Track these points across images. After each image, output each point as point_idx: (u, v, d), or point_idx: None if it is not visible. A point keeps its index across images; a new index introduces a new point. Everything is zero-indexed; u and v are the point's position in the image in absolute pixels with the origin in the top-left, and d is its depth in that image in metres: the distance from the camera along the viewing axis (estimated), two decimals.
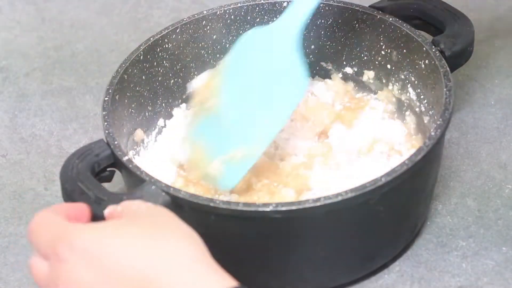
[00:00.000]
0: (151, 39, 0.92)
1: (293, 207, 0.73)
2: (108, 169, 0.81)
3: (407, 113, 0.92)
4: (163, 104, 0.95)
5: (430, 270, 0.83)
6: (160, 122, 0.94)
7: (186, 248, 0.63)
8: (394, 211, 0.80)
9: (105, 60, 1.12)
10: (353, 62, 0.95)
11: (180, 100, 0.96)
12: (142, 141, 0.92)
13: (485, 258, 0.84)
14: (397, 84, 0.92)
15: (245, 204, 0.74)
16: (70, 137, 1.01)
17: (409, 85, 0.91)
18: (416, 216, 0.84)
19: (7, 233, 0.90)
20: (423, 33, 0.89)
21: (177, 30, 0.93)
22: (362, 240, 0.80)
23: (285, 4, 0.94)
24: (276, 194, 0.84)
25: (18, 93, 1.08)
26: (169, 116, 0.95)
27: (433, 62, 0.85)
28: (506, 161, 0.93)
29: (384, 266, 0.84)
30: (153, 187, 0.76)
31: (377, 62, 0.93)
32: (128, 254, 0.62)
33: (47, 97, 1.07)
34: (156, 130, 0.94)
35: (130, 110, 0.90)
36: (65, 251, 0.63)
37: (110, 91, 0.86)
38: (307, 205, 0.73)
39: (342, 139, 0.90)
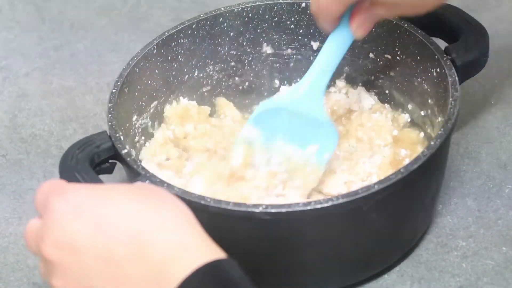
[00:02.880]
0: (166, 33, 0.92)
1: (283, 210, 0.73)
2: (109, 160, 0.82)
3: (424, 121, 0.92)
4: (177, 99, 0.95)
5: (430, 270, 0.83)
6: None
7: (178, 216, 0.63)
8: (389, 219, 0.79)
9: (105, 60, 1.12)
10: (370, 67, 0.95)
11: (194, 96, 0.96)
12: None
13: (485, 258, 0.84)
14: (411, 91, 0.92)
15: (235, 204, 0.74)
16: (70, 137, 1.01)
17: (422, 93, 0.90)
18: (415, 225, 0.83)
19: (7, 233, 0.90)
20: (439, 40, 0.89)
21: (193, 26, 0.93)
22: (355, 247, 0.79)
23: (303, 4, 0.94)
24: None
25: (18, 93, 1.08)
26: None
27: (443, 70, 0.85)
28: (506, 161, 0.93)
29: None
30: (147, 181, 0.76)
31: (392, 68, 0.93)
32: (120, 213, 0.62)
33: (47, 97, 1.07)
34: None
35: (140, 103, 0.90)
36: (57, 202, 0.64)
37: (118, 83, 0.86)
38: (296, 209, 0.73)
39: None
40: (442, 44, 0.89)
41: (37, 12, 1.20)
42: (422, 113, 0.90)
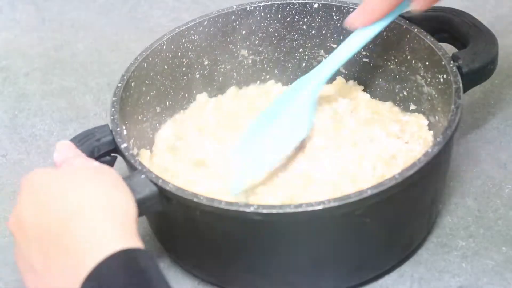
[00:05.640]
0: (176, 29, 0.92)
1: (274, 211, 0.73)
2: (111, 154, 0.82)
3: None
4: (186, 95, 0.95)
5: (429, 270, 0.83)
6: (181, 112, 0.95)
7: (112, 205, 0.68)
8: (383, 224, 0.78)
9: (105, 60, 1.12)
10: (380, 70, 0.95)
11: (204, 92, 0.96)
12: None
13: (485, 258, 0.84)
14: (420, 96, 0.92)
15: (227, 203, 0.74)
16: (70, 137, 0.99)
17: (431, 98, 0.90)
18: (411, 232, 0.83)
19: (7, 233, 0.90)
20: (448, 46, 0.89)
21: (205, 23, 0.93)
22: (347, 250, 0.79)
23: (315, 5, 0.94)
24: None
25: (18, 93, 1.08)
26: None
27: (449, 77, 0.84)
28: (506, 161, 0.93)
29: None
30: (143, 176, 0.76)
31: (402, 73, 0.93)
32: (63, 197, 0.68)
33: (47, 97, 1.07)
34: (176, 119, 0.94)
35: (147, 98, 0.90)
36: (23, 183, 0.71)
37: (125, 77, 0.87)
38: (288, 210, 0.73)
39: None
40: (452, 50, 0.89)
41: (37, 12, 1.20)
42: (431, 119, 0.90)
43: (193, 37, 0.93)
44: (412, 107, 0.93)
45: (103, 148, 0.81)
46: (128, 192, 0.71)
